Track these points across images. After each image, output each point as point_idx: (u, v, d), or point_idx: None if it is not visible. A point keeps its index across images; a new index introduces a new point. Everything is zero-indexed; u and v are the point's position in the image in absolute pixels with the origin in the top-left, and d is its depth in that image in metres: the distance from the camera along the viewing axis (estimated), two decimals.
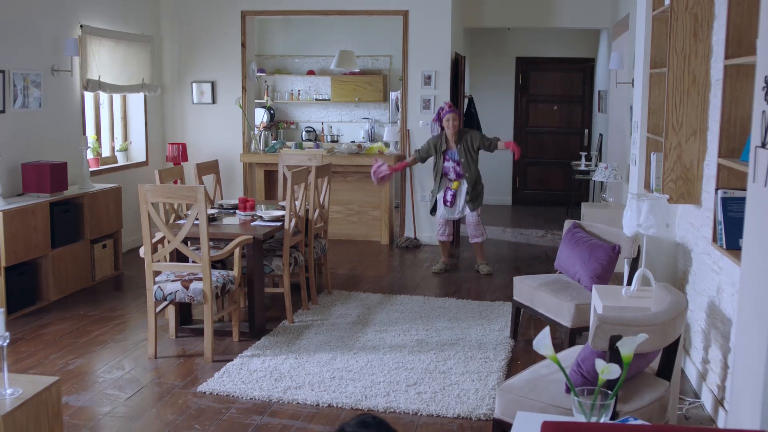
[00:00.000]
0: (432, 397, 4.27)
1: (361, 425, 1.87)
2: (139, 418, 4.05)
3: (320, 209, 6.11)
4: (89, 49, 7.10)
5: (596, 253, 4.78)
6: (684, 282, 4.79)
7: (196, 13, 8.73)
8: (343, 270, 7.29)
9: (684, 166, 4.57)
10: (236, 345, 5.15)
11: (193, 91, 8.82)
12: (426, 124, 8.49)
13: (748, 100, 3.67)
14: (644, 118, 5.35)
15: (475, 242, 7.24)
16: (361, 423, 1.88)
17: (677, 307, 3.17)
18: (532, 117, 11.91)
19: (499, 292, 6.57)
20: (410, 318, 5.73)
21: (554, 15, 9.57)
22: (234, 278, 5.05)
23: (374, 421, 1.89)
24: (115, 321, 5.69)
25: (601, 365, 2.26)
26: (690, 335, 4.67)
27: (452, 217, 7.18)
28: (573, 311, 4.63)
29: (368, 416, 1.92)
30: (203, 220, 4.71)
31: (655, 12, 5.09)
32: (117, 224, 7.05)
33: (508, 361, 4.89)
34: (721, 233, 3.78)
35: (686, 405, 4.23)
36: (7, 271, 5.65)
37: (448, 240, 7.33)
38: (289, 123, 11.88)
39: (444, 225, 7.24)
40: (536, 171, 11.98)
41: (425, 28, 8.41)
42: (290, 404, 4.21)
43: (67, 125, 6.98)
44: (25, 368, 4.69)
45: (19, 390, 2.99)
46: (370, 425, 1.87)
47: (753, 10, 3.54)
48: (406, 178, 8.62)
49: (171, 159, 8.33)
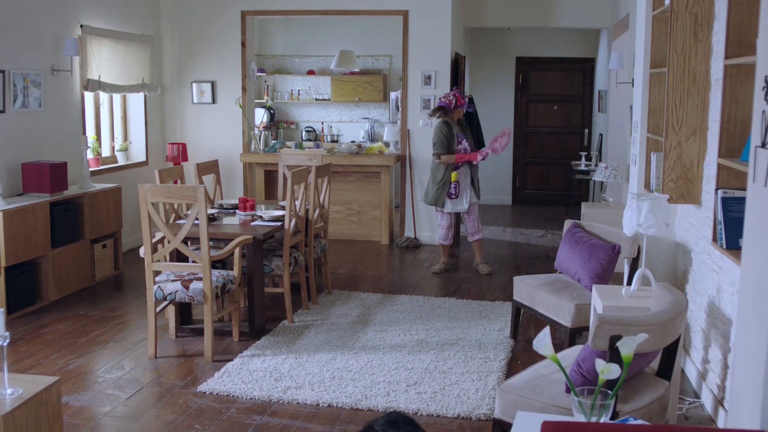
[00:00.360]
0: (432, 397, 4.27)
1: (390, 425, 1.86)
2: (139, 418, 4.05)
3: (320, 209, 6.11)
4: (89, 49, 7.10)
5: (596, 253, 4.78)
6: (684, 282, 4.79)
7: (196, 13, 8.73)
8: (343, 270, 7.29)
9: (684, 166, 4.57)
10: (236, 345, 5.15)
11: (193, 91, 8.82)
12: (426, 124, 8.49)
13: (748, 100, 3.67)
14: (644, 118, 5.35)
15: (475, 240, 7.24)
16: (391, 423, 1.86)
17: (677, 307, 3.17)
18: (532, 117, 11.91)
19: (499, 292, 6.57)
20: (410, 318, 5.73)
21: (554, 15, 9.57)
22: (234, 278, 5.05)
23: (403, 421, 1.87)
24: (115, 321, 5.69)
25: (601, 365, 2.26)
26: (690, 335, 4.67)
27: (460, 209, 7.14)
28: (573, 311, 4.63)
29: (398, 415, 1.90)
30: (203, 220, 4.71)
31: (655, 12, 5.09)
32: (117, 224, 7.06)
33: (508, 361, 4.89)
34: (721, 233, 3.78)
35: (686, 405, 4.23)
36: (7, 271, 5.65)
37: (450, 243, 7.33)
38: (289, 123, 11.88)
39: (448, 228, 7.23)
40: (536, 171, 11.98)
41: (425, 28, 8.41)
42: (290, 404, 4.21)
43: (67, 125, 6.98)
44: (25, 368, 4.69)
45: (19, 390, 2.99)
46: (399, 425, 1.86)
47: (753, 10, 3.54)
48: (406, 178, 8.62)
49: (171, 159, 8.33)
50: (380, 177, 8.52)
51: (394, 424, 1.85)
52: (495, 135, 7.13)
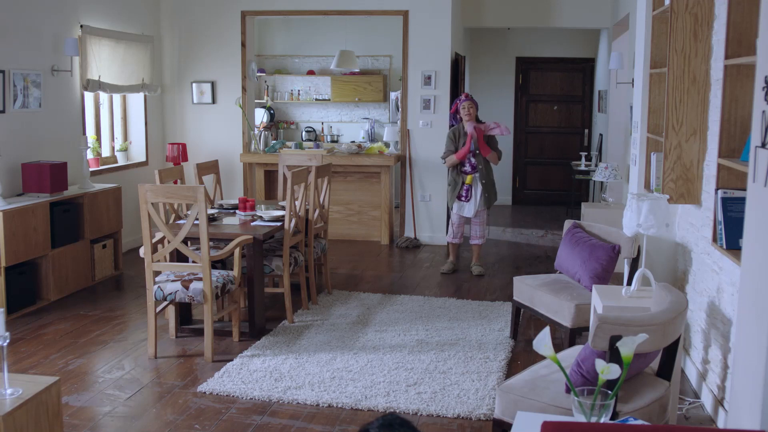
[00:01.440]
0: (432, 397, 4.27)
1: (386, 427, 1.85)
2: (139, 418, 4.05)
3: (320, 209, 6.11)
4: (89, 49, 7.10)
5: (596, 253, 4.78)
6: (684, 282, 4.79)
7: (196, 13, 8.73)
8: (343, 270, 7.29)
9: (684, 166, 4.57)
10: (236, 345, 5.15)
11: (193, 91, 8.82)
12: (426, 124, 8.49)
13: (748, 100, 3.67)
14: (644, 118, 5.35)
15: (475, 243, 7.23)
16: (386, 425, 1.86)
17: (677, 307, 3.17)
18: (532, 117, 11.91)
19: (499, 292, 6.57)
20: (410, 318, 5.73)
21: (554, 15, 9.57)
22: (234, 278, 5.05)
23: (399, 423, 1.87)
24: (115, 321, 5.69)
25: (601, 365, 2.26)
26: (690, 335, 4.67)
27: (464, 213, 7.13)
28: (573, 311, 4.63)
29: (393, 417, 1.89)
30: (203, 220, 4.71)
31: (655, 12, 5.09)
32: (117, 224, 7.06)
33: (508, 361, 4.89)
34: (721, 233, 3.78)
35: (686, 405, 4.23)
36: (7, 271, 5.65)
37: (459, 242, 7.32)
38: (289, 123, 11.88)
39: (458, 227, 7.21)
40: (536, 171, 11.98)
41: (425, 28, 8.41)
42: (290, 404, 4.21)
43: (67, 125, 6.98)
44: (25, 368, 4.69)
45: (19, 390, 2.99)
46: (395, 427, 1.85)
47: (753, 10, 3.54)
48: (406, 178, 8.62)
49: (171, 159, 8.33)
50: (380, 177, 8.52)
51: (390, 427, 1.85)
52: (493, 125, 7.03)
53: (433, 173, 8.45)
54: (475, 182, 7.04)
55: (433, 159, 8.26)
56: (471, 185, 7.02)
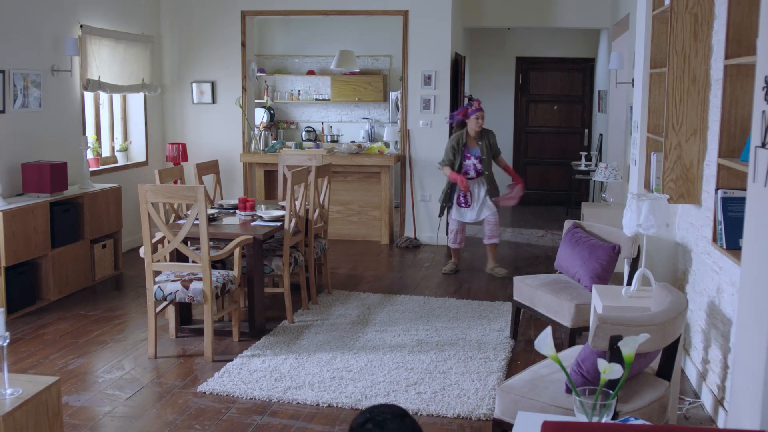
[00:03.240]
0: (432, 397, 4.27)
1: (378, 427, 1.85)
2: (139, 418, 4.05)
3: (320, 209, 6.11)
4: (89, 49, 7.10)
5: (596, 253, 4.78)
6: (684, 282, 4.79)
7: (196, 13, 8.73)
8: (343, 270, 7.29)
9: (684, 166, 4.57)
10: (236, 345, 5.15)
11: (193, 91, 8.82)
12: (426, 124, 8.49)
13: (748, 100, 3.67)
14: (644, 118, 5.35)
15: (491, 243, 7.15)
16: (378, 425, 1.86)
17: (677, 307, 3.17)
18: (532, 117, 11.91)
19: (499, 292, 6.57)
20: (410, 318, 5.73)
21: (554, 15, 9.57)
22: (234, 278, 5.05)
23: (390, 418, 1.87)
24: (115, 321, 5.69)
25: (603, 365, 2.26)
26: (690, 335, 4.67)
27: (466, 219, 7.12)
28: (573, 311, 4.63)
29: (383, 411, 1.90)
30: (203, 220, 4.71)
31: (655, 12, 5.09)
32: (117, 224, 7.06)
33: (508, 361, 4.89)
34: (721, 233, 3.78)
35: (686, 405, 4.23)
36: (7, 271, 5.65)
37: (460, 247, 7.31)
38: (289, 123, 11.88)
39: (456, 233, 7.19)
40: (536, 171, 11.98)
41: (425, 28, 8.41)
42: (290, 404, 4.21)
43: (67, 125, 6.98)
44: (25, 368, 4.69)
45: (19, 390, 2.99)
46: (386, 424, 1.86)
47: (753, 10, 3.54)
48: (406, 178, 8.62)
49: (171, 159, 8.33)
50: (380, 177, 8.52)
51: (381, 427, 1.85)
52: (509, 193, 7.11)
53: (433, 173, 8.44)
54: (478, 186, 7.04)
55: (433, 159, 8.26)
56: (469, 191, 7.01)
